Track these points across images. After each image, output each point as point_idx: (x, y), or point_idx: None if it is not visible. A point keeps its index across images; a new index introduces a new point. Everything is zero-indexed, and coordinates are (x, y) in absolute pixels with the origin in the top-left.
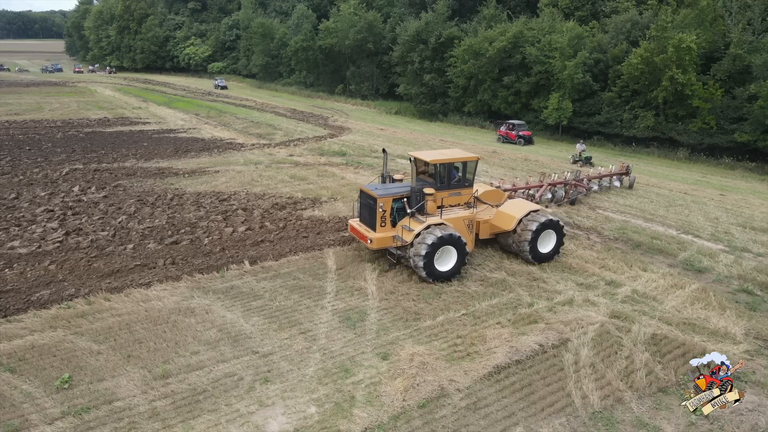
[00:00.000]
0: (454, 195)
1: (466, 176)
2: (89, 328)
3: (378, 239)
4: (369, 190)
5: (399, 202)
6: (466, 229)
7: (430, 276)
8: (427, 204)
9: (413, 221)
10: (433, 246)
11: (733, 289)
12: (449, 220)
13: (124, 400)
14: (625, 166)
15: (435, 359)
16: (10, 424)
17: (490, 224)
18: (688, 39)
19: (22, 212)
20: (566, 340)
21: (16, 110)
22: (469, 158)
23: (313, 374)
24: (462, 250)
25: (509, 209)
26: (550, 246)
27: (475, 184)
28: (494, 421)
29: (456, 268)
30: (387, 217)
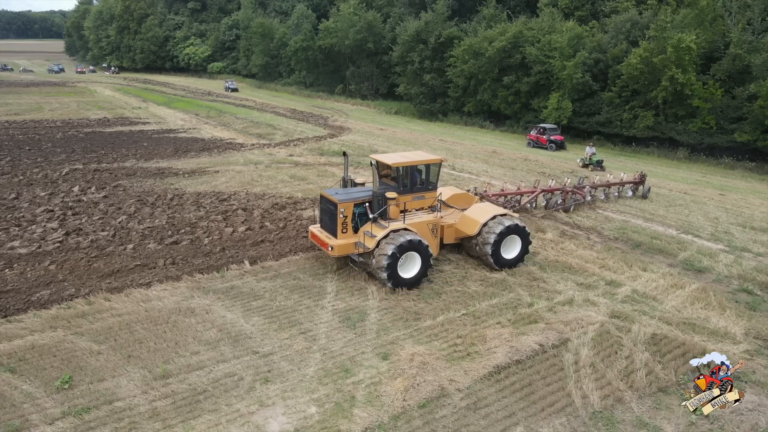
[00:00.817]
0: (418, 199)
1: (430, 179)
2: (89, 329)
3: (339, 246)
4: (329, 195)
5: (361, 207)
6: (431, 234)
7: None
8: (389, 209)
9: (375, 227)
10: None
11: (733, 288)
12: (413, 225)
13: (124, 400)
14: (639, 174)
15: (435, 359)
16: (11, 425)
17: (455, 229)
18: (687, 39)
19: (22, 212)
20: (566, 340)
21: (15, 110)
22: (433, 161)
23: (314, 374)
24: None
25: (473, 213)
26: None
27: (443, 187)
28: (494, 421)
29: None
30: (348, 223)
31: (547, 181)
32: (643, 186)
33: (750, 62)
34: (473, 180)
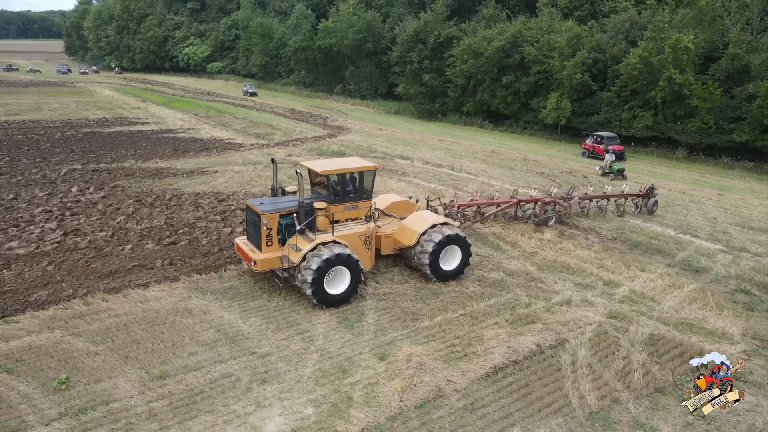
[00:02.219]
0: (351, 208)
1: (364, 187)
2: (87, 329)
3: (263, 261)
4: (253, 205)
5: (288, 219)
6: (363, 247)
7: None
8: (317, 220)
9: (302, 239)
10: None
11: (731, 289)
12: (343, 237)
13: (121, 401)
14: (646, 186)
15: (432, 360)
16: (8, 425)
17: (393, 239)
18: (685, 39)
19: (21, 213)
20: (564, 341)
21: (14, 110)
22: (367, 167)
23: (311, 375)
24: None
25: (411, 223)
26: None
27: (384, 195)
28: (491, 421)
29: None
30: (274, 236)
31: (542, 181)
32: (649, 200)
33: (749, 62)
34: (471, 180)
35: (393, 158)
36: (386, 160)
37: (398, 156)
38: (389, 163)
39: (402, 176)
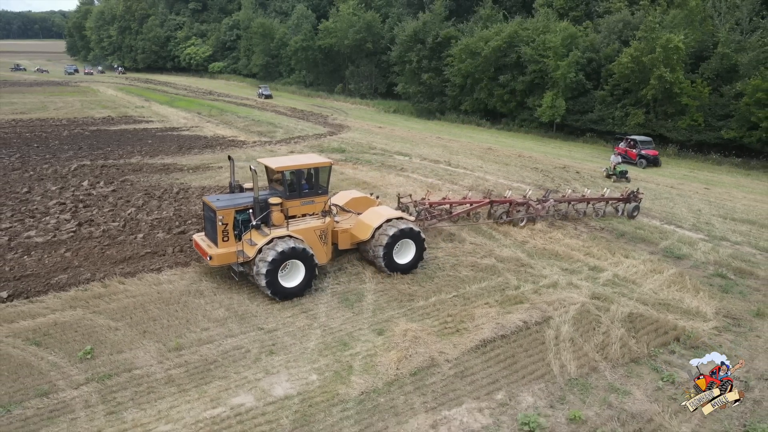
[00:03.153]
0: (307, 204)
1: (320, 183)
2: (106, 308)
3: (219, 255)
4: (209, 201)
5: (244, 214)
6: (319, 241)
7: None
8: (273, 215)
9: (257, 234)
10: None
11: (709, 273)
12: (298, 232)
13: (142, 369)
14: (628, 192)
15: (427, 334)
16: (40, 389)
17: (350, 234)
18: (675, 39)
19: (36, 205)
20: (549, 318)
21: (21, 109)
22: (322, 164)
23: (314, 347)
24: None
25: (367, 218)
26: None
27: (345, 191)
28: (479, 386)
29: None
30: (230, 231)
31: (536, 176)
32: (629, 204)
33: (737, 61)
34: (468, 175)
35: (392, 155)
36: (385, 156)
37: (397, 153)
38: (388, 160)
39: (400, 171)
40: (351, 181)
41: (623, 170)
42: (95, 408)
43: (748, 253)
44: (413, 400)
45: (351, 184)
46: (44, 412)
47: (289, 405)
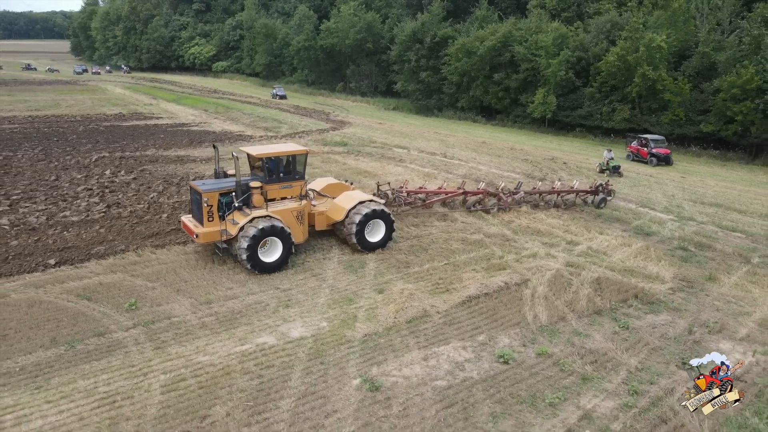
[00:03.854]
0: (285, 188)
1: (297, 168)
2: (142, 272)
3: (204, 234)
4: (195, 185)
5: (227, 197)
6: (296, 221)
7: (254, 267)
8: (253, 197)
9: (239, 215)
10: (254, 238)
11: (673, 247)
12: (277, 212)
13: (179, 317)
14: (596, 184)
15: (421, 292)
16: (96, 330)
17: (326, 216)
18: (658, 39)
19: (65, 190)
20: (527, 281)
21: (34, 106)
22: (299, 151)
23: (324, 302)
24: (287, 242)
25: (341, 201)
26: (380, 235)
27: (321, 178)
28: (464, 331)
29: (281, 259)
30: (214, 212)
31: (525, 167)
32: (596, 197)
33: (716, 60)
34: (462, 165)
35: (391, 148)
36: (385, 149)
37: (396, 146)
38: (388, 152)
39: (399, 162)
40: (353, 171)
41: (616, 165)
42: (144, 345)
43: (711, 230)
44: (408, 341)
45: (353, 173)
46: (102, 348)
47: (305, 344)
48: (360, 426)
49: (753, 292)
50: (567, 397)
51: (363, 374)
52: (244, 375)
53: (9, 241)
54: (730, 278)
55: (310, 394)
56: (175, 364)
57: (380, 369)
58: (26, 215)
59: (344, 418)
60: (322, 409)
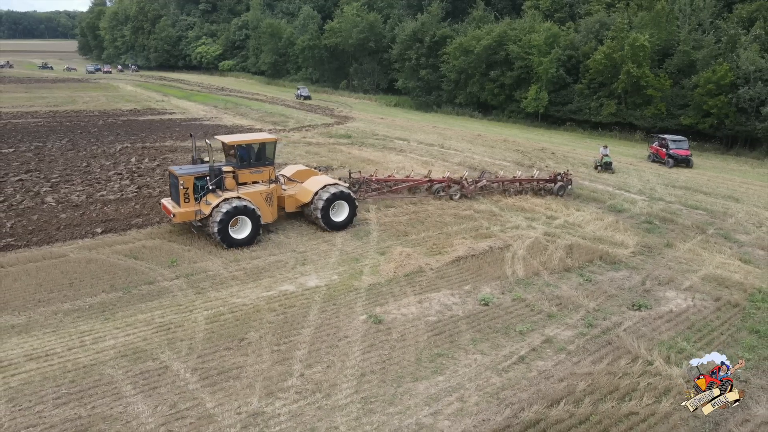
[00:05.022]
0: (256, 173)
1: (266, 155)
2: (177, 238)
3: (180, 213)
4: (173, 170)
5: (202, 180)
6: (265, 202)
7: (225, 242)
8: (225, 181)
9: (213, 196)
10: (226, 215)
11: (640, 221)
12: (247, 194)
13: (213, 271)
14: (555, 173)
15: (417, 254)
16: (146, 280)
17: (295, 199)
18: (641, 38)
19: (97, 175)
20: (509, 246)
21: (53, 103)
22: (268, 140)
23: (335, 261)
24: (256, 220)
25: (309, 185)
26: (344, 215)
27: (293, 165)
28: (453, 283)
29: (251, 236)
30: (190, 194)
31: (516, 156)
32: (555, 184)
33: (695, 57)
34: (457, 155)
35: (392, 139)
36: (386, 141)
37: (397, 138)
38: (389, 143)
39: (399, 152)
40: (357, 159)
41: (608, 161)
42: (186, 291)
43: (677, 209)
44: (406, 289)
45: (357, 162)
46: (153, 293)
47: (319, 291)
48: (366, 346)
49: (702, 255)
50: (534, 328)
51: (368, 312)
52: (271, 312)
53: (58, 214)
54: (684, 245)
55: (325, 325)
56: (214, 304)
57: (382, 309)
58: (68, 195)
59: (354, 341)
60: (335, 335)
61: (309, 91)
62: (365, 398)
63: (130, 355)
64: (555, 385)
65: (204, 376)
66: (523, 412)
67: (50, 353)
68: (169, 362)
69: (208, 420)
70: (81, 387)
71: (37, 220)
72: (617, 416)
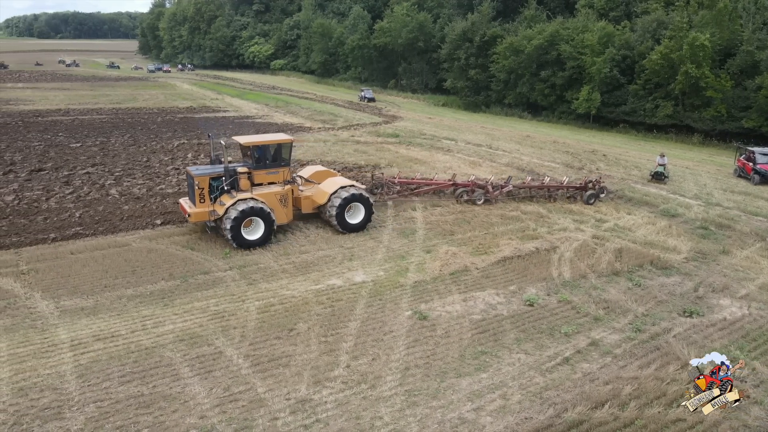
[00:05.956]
0: (272, 173)
1: (282, 156)
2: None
3: (195, 213)
4: (190, 171)
5: (218, 181)
6: (279, 203)
7: (237, 244)
8: (240, 181)
9: (227, 197)
10: (237, 219)
11: (694, 226)
12: (261, 196)
13: (264, 264)
14: (586, 180)
15: (463, 253)
16: (202, 270)
17: (311, 200)
18: (701, 38)
19: (157, 170)
20: (556, 248)
21: (115, 100)
22: (284, 140)
23: (381, 258)
24: (269, 222)
25: (325, 186)
26: (359, 218)
27: (311, 166)
28: (498, 283)
29: (264, 237)
30: (206, 194)
31: (565, 158)
32: (585, 192)
33: (759, 58)
34: (505, 156)
35: (440, 139)
36: (434, 140)
37: (444, 138)
38: (436, 143)
39: (447, 152)
40: (404, 158)
41: (659, 171)
42: (239, 281)
43: (735, 214)
44: (451, 288)
45: (405, 161)
46: (208, 282)
47: (366, 286)
48: (411, 341)
49: (761, 264)
50: (580, 331)
51: (413, 308)
52: (319, 305)
53: (121, 206)
54: (742, 252)
55: (371, 319)
56: (265, 295)
57: (427, 305)
58: (130, 188)
59: (399, 336)
60: (381, 329)
61: (372, 93)
62: (409, 391)
63: (188, 339)
64: (600, 388)
65: (255, 363)
66: (567, 413)
67: (115, 335)
68: (223, 348)
69: (259, 404)
70: (143, 367)
71: (102, 211)
72: (663, 422)
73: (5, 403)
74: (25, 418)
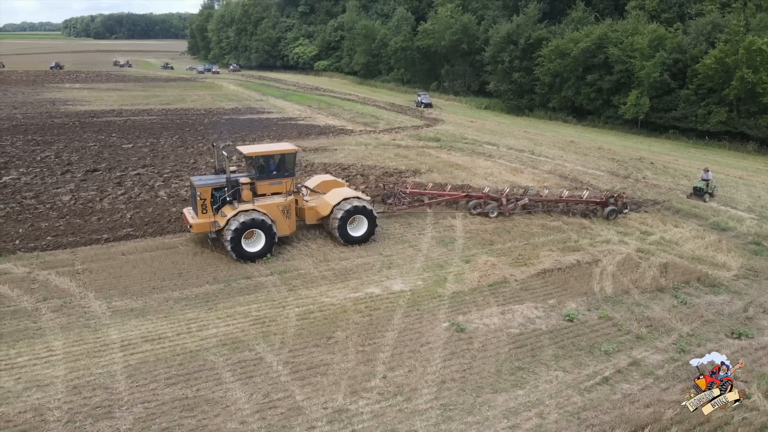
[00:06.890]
0: (275, 184)
1: (286, 166)
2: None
3: (197, 224)
4: (193, 181)
5: (221, 192)
6: (282, 215)
7: (239, 256)
8: (243, 192)
9: (229, 208)
10: (237, 230)
11: (746, 242)
12: (263, 207)
13: (304, 270)
14: (608, 195)
15: (502, 264)
16: (244, 275)
17: (315, 211)
18: (759, 42)
19: (203, 171)
20: (598, 261)
21: (165, 101)
22: (288, 150)
23: (420, 267)
24: (270, 234)
25: (329, 197)
26: (362, 230)
27: (318, 175)
28: (537, 296)
29: (265, 249)
30: (208, 205)
31: (610, 165)
32: (606, 208)
33: None
34: (548, 162)
35: (481, 144)
36: (475, 145)
37: (486, 142)
38: (478, 148)
39: (488, 157)
40: (445, 164)
41: (699, 186)
42: (280, 287)
43: None
44: (489, 300)
45: (445, 166)
46: (250, 287)
47: (404, 295)
48: (447, 354)
49: None
50: (621, 349)
51: (451, 320)
52: (357, 313)
53: (169, 208)
54: None
55: (408, 330)
56: (305, 302)
57: (465, 317)
58: (177, 189)
59: (435, 347)
60: (418, 340)
61: (430, 98)
62: (444, 405)
63: (230, 344)
64: (640, 411)
65: (294, 370)
66: None
67: (162, 337)
68: (263, 354)
69: (297, 411)
70: (188, 370)
71: (151, 213)
72: None
73: (60, 400)
74: (78, 416)
